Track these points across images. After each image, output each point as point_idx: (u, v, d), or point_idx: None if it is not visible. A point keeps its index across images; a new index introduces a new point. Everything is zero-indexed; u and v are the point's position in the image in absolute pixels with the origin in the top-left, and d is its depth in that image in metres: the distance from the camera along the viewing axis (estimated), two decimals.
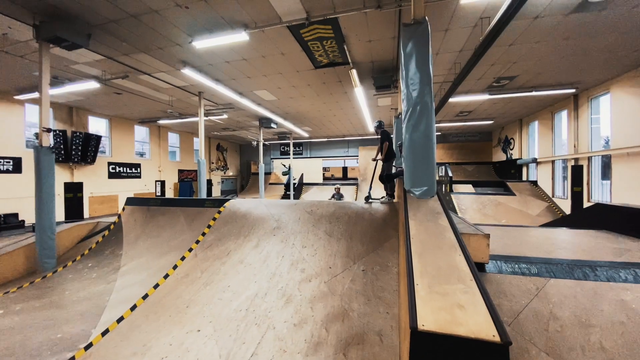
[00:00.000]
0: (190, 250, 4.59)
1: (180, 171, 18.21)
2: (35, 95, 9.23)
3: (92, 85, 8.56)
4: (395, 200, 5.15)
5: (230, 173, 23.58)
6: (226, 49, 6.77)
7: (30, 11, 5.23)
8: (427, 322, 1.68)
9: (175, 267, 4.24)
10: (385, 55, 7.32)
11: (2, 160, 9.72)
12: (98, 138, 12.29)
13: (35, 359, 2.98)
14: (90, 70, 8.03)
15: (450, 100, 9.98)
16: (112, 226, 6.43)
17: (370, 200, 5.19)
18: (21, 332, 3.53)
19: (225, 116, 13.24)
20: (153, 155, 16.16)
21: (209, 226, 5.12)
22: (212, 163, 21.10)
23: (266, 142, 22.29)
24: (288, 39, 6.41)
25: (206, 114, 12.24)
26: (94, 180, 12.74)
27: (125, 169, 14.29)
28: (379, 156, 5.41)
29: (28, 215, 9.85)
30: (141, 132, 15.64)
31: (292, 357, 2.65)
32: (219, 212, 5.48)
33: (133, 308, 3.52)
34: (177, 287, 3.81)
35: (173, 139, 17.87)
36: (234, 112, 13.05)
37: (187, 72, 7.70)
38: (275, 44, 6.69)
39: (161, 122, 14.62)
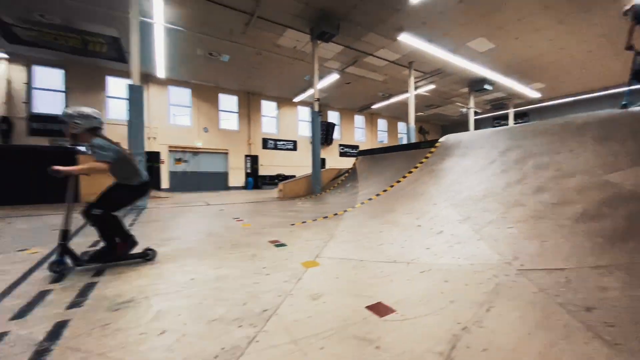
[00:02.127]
0: (416, 167, 5.11)
1: None
2: (302, 97, 13.88)
3: (334, 77, 11.55)
4: None
5: None
6: None
7: (307, 20, 7.94)
8: None
9: (404, 176, 4.90)
10: None
11: (287, 142, 15.46)
12: (334, 125, 16.41)
13: (321, 214, 4.59)
14: (333, 65, 10.89)
15: None
16: (349, 170, 8.44)
17: (629, 108, 3.39)
18: (310, 210, 5.54)
19: (432, 86, 13.25)
20: (367, 138, 19.17)
21: (430, 152, 5.43)
22: None
23: (476, 111, 19.73)
24: None
25: (414, 88, 12.84)
26: (331, 157, 17.12)
27: (348, 149, 18.03)
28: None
29: None
30: (359, 120, 19.03)
31: (559, 223, 2.31)
32: (437, 145, 5.65)
33: (377, 195, 4.49)
34: (408, 186, 4.41)
35: (381, 125, 20.23)
36: (441, 80, 12.74)
37: (403, 37, 8.50)
38: None
39: (374, 106, 17.01)
